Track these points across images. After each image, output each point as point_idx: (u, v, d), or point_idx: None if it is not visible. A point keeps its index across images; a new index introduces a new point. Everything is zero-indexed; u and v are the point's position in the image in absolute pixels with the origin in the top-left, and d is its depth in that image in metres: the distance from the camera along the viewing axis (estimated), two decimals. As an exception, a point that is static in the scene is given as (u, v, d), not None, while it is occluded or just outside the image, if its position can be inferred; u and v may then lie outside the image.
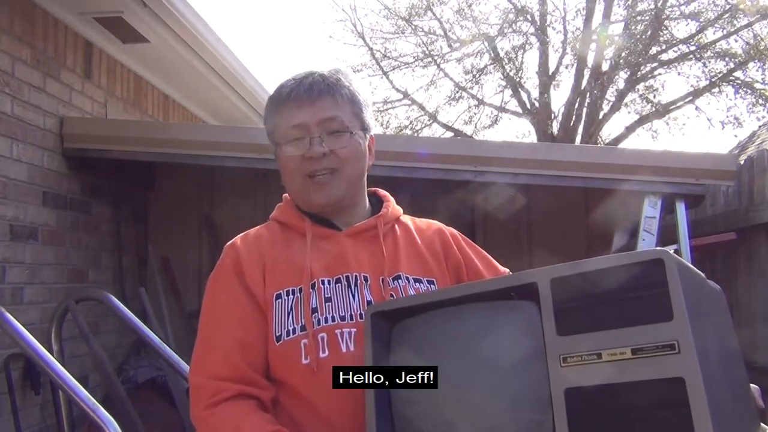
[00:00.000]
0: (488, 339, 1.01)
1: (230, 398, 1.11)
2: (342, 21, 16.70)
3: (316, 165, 1.20)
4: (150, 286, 4.36)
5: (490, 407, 0.97)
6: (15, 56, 3.19)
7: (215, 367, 1.14)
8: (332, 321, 1.15)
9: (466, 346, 1.02)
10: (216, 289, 1.23)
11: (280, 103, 1.24)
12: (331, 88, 1.22)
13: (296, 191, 1.25)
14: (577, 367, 0.88)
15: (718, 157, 3.52)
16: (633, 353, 0.85)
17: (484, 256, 1.35)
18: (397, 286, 1.20)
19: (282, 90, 1.25)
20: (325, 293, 1.17)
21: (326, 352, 1.13)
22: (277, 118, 1.25)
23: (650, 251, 0.88)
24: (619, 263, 0.90)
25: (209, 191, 4.73)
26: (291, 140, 1.22)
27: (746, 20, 11.81)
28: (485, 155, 3.41)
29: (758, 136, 7.01)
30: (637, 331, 0.85)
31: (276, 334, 1.15)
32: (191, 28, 4.04)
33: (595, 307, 0.89)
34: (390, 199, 1.35)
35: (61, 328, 2.94)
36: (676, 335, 0.83)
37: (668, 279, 0.85)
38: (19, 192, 3.18)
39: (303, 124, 1.20)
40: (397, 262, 1.23)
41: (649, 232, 3.09)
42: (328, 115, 1.20)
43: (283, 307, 1.16)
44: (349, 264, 1.21)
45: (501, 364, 0.98)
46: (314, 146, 1.19)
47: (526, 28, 13.52)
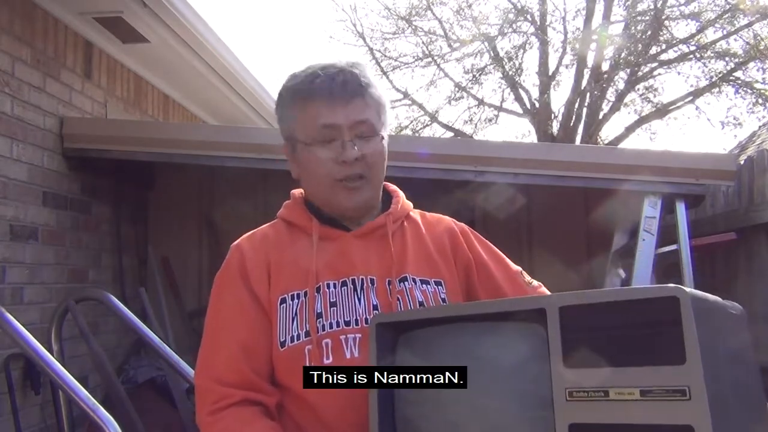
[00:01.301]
0: (495, 359, 0.99)
1: (235, 404, 1.10)
2: (342, 21, 16.74)
3: (348, 170, 1.15)
4: (150, 286, 4.36)
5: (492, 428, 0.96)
6: (15, 56, 3.18)
7: (220, 370, 1.13)
8: (337, 326, 1.13)
9: (472, 365, 1.00)
10: (221, 291, 1.20)
11: (306, 97, 1.17)
12: (363, 89, 1.17)
13: (322, 194, 1.20)
14: (582, 403, 0.86)
15: (718, 157, 3.52)
16: (641, 395, 0.82)
17: (495, 254, 1.31)
18: (403, 288, 1.17)
19: (310, 83, 1.16)
20: (330, 297, 1.15)
21: (330, 358, 1.12)
22: (300, 112, 1.18)
23: (665, 288, 0.84)
24: (632, 297, 0.87)
25: (209, 191, 4.73)
26: (321, 141, 1.16)
27: (746, 20, 11.82)
28: (485, 155, 3.41)
29: (758, 136, 7.01)
30: (647, 371, 0.82)
31: (280, 339, 1.13)
32: (191, 28, 4.04)
33: (604, 340, 0.87)
34: (399, 194, 1.31)
35: (61, 328, 2.94)
36: (688, 381, 0.79)
37: (683, 319, 0.81)
38: (19, 192, 3.18)
39: (335, 126, 1.15)
40: (404, 263, 1.20)
41: (649, 232, 3.09)
42: (360, 117, 1.16)
43: (288, 311, 1.14)
44: (356, 266, 1.18)
45: (503, 388, 0.97)
46: (348, 150, 1.14)
47: (526, 28, 13.54)
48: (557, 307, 0.91)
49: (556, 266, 3.69)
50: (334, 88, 1.14)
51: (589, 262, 3.92)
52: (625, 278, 3.34)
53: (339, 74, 1.16)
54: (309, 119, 1.17)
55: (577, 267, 3.87)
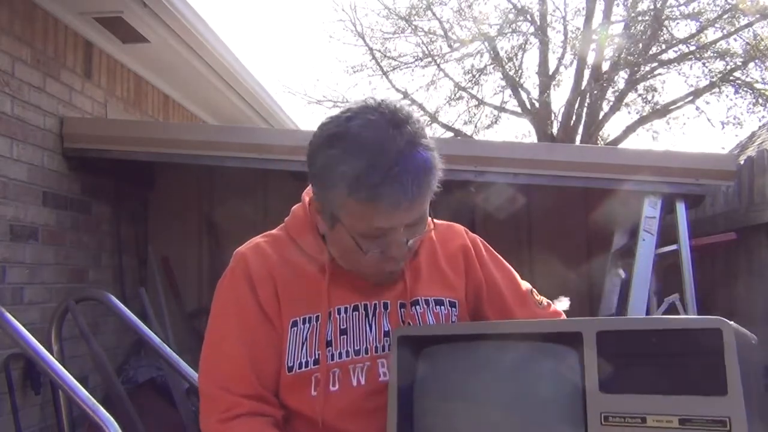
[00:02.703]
0: (520, 381, 0.98)
1: (245, 414, 1.09)
2: (342, 21, 16.71)
3: (393, 266, 1.11)
4: (150, 286, 4.36)
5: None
6: (15, 56, 3.18)
7: (228, 378, 1.11)
8: (346, 356, 1.12)
9: (495, 386, 1.00)
10: (227, 298, 1.17)
11: (366, 199, 0.99)
12: (428, 187, 1.03)
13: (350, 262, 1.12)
14: (618, 429, 0.85)
15: (718, 157, 3.52)
16: (680, 423, 0.82)
17: (507, 272, 1.28)
18: (415, 313, 1.16)
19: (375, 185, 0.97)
20: (341, 324, 1.13)
21: (337, 386, 1.11)
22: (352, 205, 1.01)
23: (708, 320, 0.84)
24: (674, 327, 0.86)
25: (209, 191, 4.73)
26: (368, 237, 1.04)
27: (746, 20, 11.81)
28: (485, 155, 3.41)
29: (758, 136, 7.01)
30: (686, 400, 0.82)
31: (288, 364, 1.12)
32: (191, 28, 4.04)
33: (642, 367, 0.86)
34: None
35: (61, 328, 2.94)
36: (729, 412, 0.79)
37: (725, 352, 0.81)
38: (19, 192, 3.18)
39: (392, 228, 1.03)
40: (417, 286, 1.18)
41: (649, 232, 3.09)
42: (419, 215, 1.05)
43: (298, 336, 1.12)
44: (368, 293, 1.15)
45: (531, 411, 0.96)
46: (400, 249, 1.06)
47: (526, 28, 13.53)
48: (595, 331, 0.90)
49: (556, 266, 3.69)
50: (402, 198, 0.98)
51: (589, 262, 3.93)
52: (625, 278, 3.34)
53: (410, 174, 0.98)
54: (361, 217, 1.02)
55: (577, 267, 3.88)
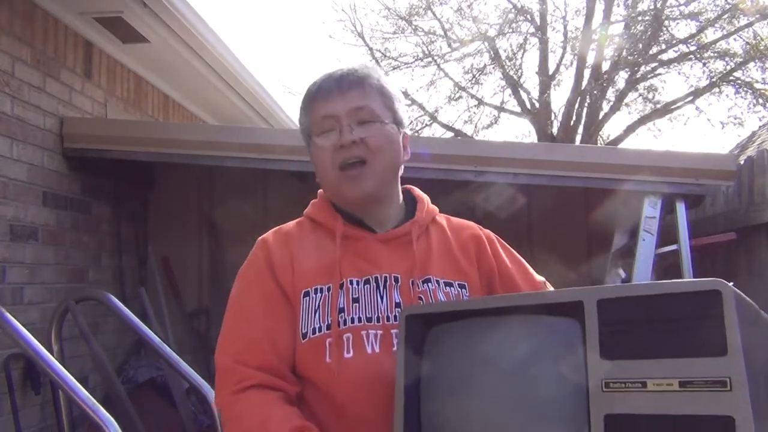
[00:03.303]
0: (525, 354, 0.99)
1: (257, 386, 1.12)
2: (342, 21, 16.72)
3: (346, 153, 1.18)
4: (150, 286, 4.36)
5: (521, 422, 0.95)
6: (15, 56, 3.19)
7: (243, 352, 1.15)
8: (358, 322, 1.15)
9: (502, 359, 1.01)
10: (247, 280, 1.23)
11: (311, 98, 1.24)
12: (360, 80, 1.22)
13: (329, 186, 1.24)
14: (619, 394, 0.85)
15: (718, 157, 3.52)
16: (681, 386, 0.82)
17: (520, 263, 1.32)
18: (427, 289, 1.19)
19: (312, 86, 1.25)
20: (353, 293, 1.17)
21: (351, 352, 1.13)
22: (308, 113, 1.25)
23: (707, 281, 0.84)
24: (673, 291, 0.87)
25: (209, 191, 4.73)
26: (322, 132, 1.21)
27: (746, 20, 11.81)
28: (485, 155, 3.41)
29: (758, 136, 7.02)
30: (686, 362, 0.82)
31: (302, 331, 1.16)
32: (191, 28, 4.04)
33: (642, 333, 0.87)
34: (425, 199, 1.33)
35: (61, 328, 2.94)
36: (729, 372, 0.79)
37: (725, 313, 0.81)
38: (19, 192, 3.18)
39: (333, 115, 1.19)
40: (428, 265, 1.22)
41: (649, 232, 3.09)
42: (357, 104, 1.19)
43: (311, 304, 1.17)
44: (380, 265, 1.20)
45: (537, 381, 0.96)
46: (344, 134, 1.18)
47: (526, 28, 13.53)
48: (595, 300, 0.91)
49: (556, 266, 3.68)
50: (330, 83, 1.22)
51: (589, 262, 3.92)
52: (625, 278, 3.34)
53: (336, 71, 1.24)
54: (313, 116, 1.23)
55: (577, 267, 3.87)
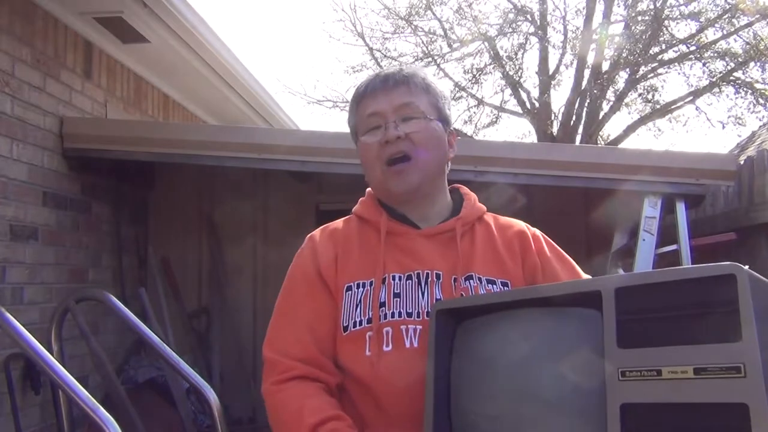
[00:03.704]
0: (551, 347, 0.99)
1: (299, 377, 1.16)
2: (341, 21, 16.73)
3: (391, 149, 1.21)
4: (150, 286, 4.36)
5: (546, 415, 0.96)
6: (15, 56, 3.19)
7: (287, 345, 1.19)
8: (399, 316, 1.17)
9: (527, 352, 1.01)
10: (293, 276, 1.27)
11: (358, 98, 1.27)
12: (406, 78, 1.24)
13: (375, 182, 1.27)
14: (635, 383, 0.85)
15: (718, 157, 3.52)
16: (695, 373, 0.81)
17: (566, 261, 1.32)
18: (468, 286, 1.20)
19: (359, 87, 1.28)
20: (394, 288, 1.19)
21: (390, 346, 1.15)
22: (355, 113, 1.28)
23: (722, 266, 0.82)
24: (688, 276, 0.86)
25: (209, 191, 4.73)
26: (368, 130, 1.24)
27: (746, 20, 11.81)
28: (485, 155, 3.41)
29: (758, 136, 7.02)
30: (701, 349, 0.81)
31: (343, 324, 1.19)
32: (191, 28, 4.04)
33: (659, 320, 0.86)
34: (472, 197, 1.35)
35: (61, 328, 2.94)
36: (744, 358, 0.78)
37: (739, 297, 0.79)
38: (19, 192, 3.18)
39: (379, 112, 1.23)
40: (471, 262, 1.23)
41: (649, 232, 3.09)
42: (402, 101, 1.22)
43: (353, 298, 1.20)
44: (423, 261, 1.22)
45: (562, 373, 0.96)
46: (389, 130, 1.21)
47: (526, 28, 13.53)
48: (613, 288, 0.90)
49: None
50: (377, 82, 1.25)
51: (589, 262, 3.92)
52: (625, 278, 3.34)
53: (382, 71, 1.28)
54: (359, 115, 1.27)
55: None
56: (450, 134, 1.30)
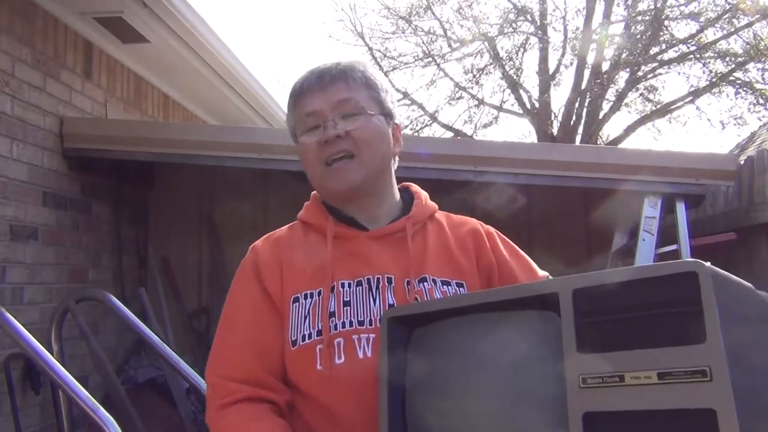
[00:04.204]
0: (508, 351, 0.95)
1: (243, 400, 1.09)
2: (341, 21, 16.73)
3: (331, 148, 1.15)
4: (150, 287, 4.36)
5: (506, 422, 0.92)
6: (15, 56, 3.18)
7: (230, 367, 1.13)
8: (350, 326, 1.11)
9: (485, 358, 0.97)
10: (236, 290, 1.20)
11: (294, 97, 1.21)
12: (343, 73, 1.18)
13: (316, 182, 1.21)
14: (597, 390, 0.80)
15: (718, 157, 3.52)
16: (659, 378, 0.76)
17: (522, 259, 1.28)
18: (422, 289, 1.14)
19: (295, 84, 1.22)
20: (344, 297, 1.13)
21: (342, 358, 1.09)
22: (293, 111, 1.22)
23: (683, 263, 0.78)
24: (649, 275, 0.81)
25: (209, 191, 4.73)
26: (307, 129, 1.18)
27: (746, 20, 11.82)
28: (485, 155, 3.41)
29: (758, 136, 7.02)
30: (665, 353, 0.76)
31: (292, 338, 1.12)
32: (191, 28, 4.04)
33: (620, 322, 0.81)
34: (422, 195, 1.28)
35: (61, 328, 2.94)
36: (709, 360, 0.73)
37: (702, 296, 0.75)
38: (19, 192, 3.18)
39: (317, 111, 1.17)
40: (424, 264, 1.17)
41: (649, 232, 3.09)
42: (340, 97, 1.16)
43: (300, 310, 1.13)
44: (372, 266, 1.16)
45: (519, 377, 0.93)
46: (328, 129, 1.15)
47: (526, 28, 13.54)
48: (571, 290, 0.85)
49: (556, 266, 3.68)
50: (312, 79, 1.19)
51: (589, 262, 3.92)
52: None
53: (318, 67, 1.21)
54: (297, 115, 1.21)
55: (577, 267, 3.87)
56: (395, 128, 1.23)
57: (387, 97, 1.22)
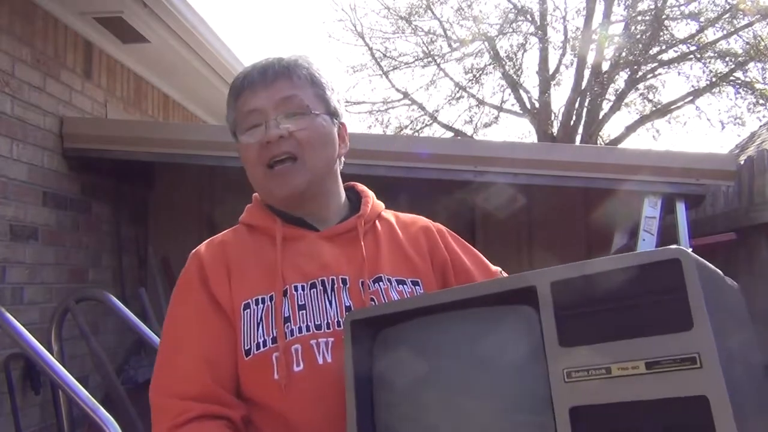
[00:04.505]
0: (481, 349, 0.91)
1: (196, 418, 1.00)
2: (342, 21, 16.74)
3: (274, 150, 1.08)
4: (150, 287, 4.36)
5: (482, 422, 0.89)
6: (15, 56, 3.19)
7: (178, 384, 1.03)
8: (307, 331, 1.04)
9: (456, 356, 0.92)
10: (179, 300, 1.12)
11: (235, 94, 1.14)
12: (287, 69, 1.12)
13: (258, 185, 1.15)
14: (583, 383, 0.78)
15: (718, 157, 3.52)
16: (647, 367, 0.74)
17: (474, 255, 1.23)
18: (378, 289, 1.09)
19: (236, 80, 1.15)
20: (298, 300, 1.06)
21: (301, 365, 1.02)
22: (234, 109, 1.15)
23: (665, 250, 0.77)
24: (630, 264, 0.79)
25: (209, 191, 4.73)
26: (247, 128, 1.12)
27: (746, 20, 11.82)
28: (485, 155, 3.41)
29: (758, 136, 7.02)
30: (651, 342, 0.74)
31: (245, 347, 1.04)
32: (191, 28, 4.04)
33: (602, 314, 0.79)
34: (369, 194, 1.23)
35: (61, 328, 2.94)
36: (698, 347, 0.72)
37: (687, 282, 0.74)
38: (19, 192, 3.18)
39: (258, 109, 1.10)
40: (378, 263, 1.12)
41: (649, 232, 3.09)
42: (284, 95, 1.10)
43: (253, 317, 1.05)
44: (326, 267, 1.09)
45: (495, 376, 0.89)
46: (270, 129, 1.08)
47: (526, 28, 13.54)
48: (549, 282, 0.83)
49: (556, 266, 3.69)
50: (255, 75, 1.12)
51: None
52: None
53: (262, 62, 1.14)
54: (237, 112, 1.14)
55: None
56: (340, 127, 1.17)
57: (333, 96, 1.16)
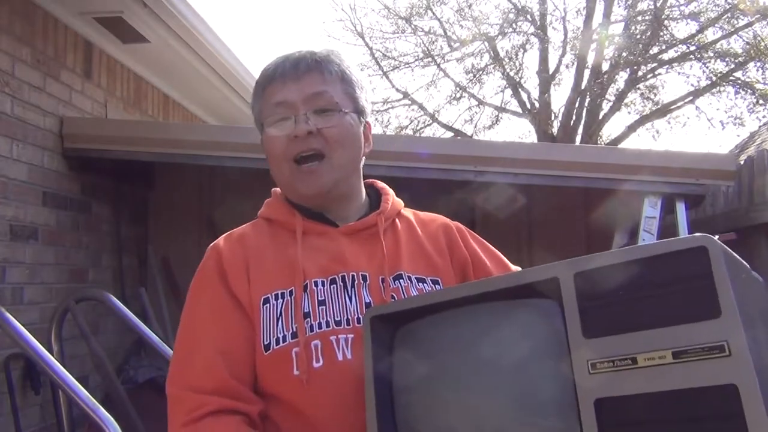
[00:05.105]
0: (502, 343, 0.90)
1: (212, 413, 0.99)
2: (342, 21, 16.74)
3: (302, 145, 1.07)
4: (150, 286, 4.36)
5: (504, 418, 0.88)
6: (15, 56, 3.18)
7: (195, 377, 1.03)
8: (326, 326, 1.03)
9: (477, 352, 0.91)
10: (197, 293, 1.11)
11: (264, 84, 1.13)
12: (319, 64, 1.10)
13: (283, 180, 1.14)
14: (608, 374, 0.76)
15: (718, 157, 3.52)
16: (674, 357, 0.73)
17: (493, 253, 1.23)
18: (399, 287, 1.08)
19: (266, 69, 1.14)
20: (318, 296, 1.05)
21: (321, 361, 1.01)
22: (261, 99, 1.14)
23: (692, 238, 0.75)
24: (655, 252, 0.77)
25: (209, 191, 4.73)
26: (275, 121, 1.10)
27: (746, 20, 11.82)
28: (485, 155, 3.41)
29: (758, 135, 7.02)
30: (678, 330, 0.73)
31: (264, 342, 1.03)
32: (191, 28, 4.04)
33: (627, 304, 0.78)
34: (389, 192, 1.23)
35: (61, 328, 2.94)
36: (726, 335, 0.70)
37: (713, 270, 0.72)
38: (19, 192, 3.18)
39: (287, 102, 1.09)
40: (399, 261, 1.11)
41: (649, 232, 3.09)
42: (315, 90, 1.08)
43: (272, 312, 1.04)
44: (346, 262, 1.09)
45: (518, 371, 0.87)
46: (299, 124, 1.07)
47: (526, 28, 13.54)
48: (572, 273, 0.82)
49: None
50: (286, 66, 1.11)
51: (589, 262, 3.92)
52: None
53: (293, 54, 1.13)
54: (265, 102, 1.13)
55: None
56: (365, 126, 1.16)
57: (362, 94, 1.15)
